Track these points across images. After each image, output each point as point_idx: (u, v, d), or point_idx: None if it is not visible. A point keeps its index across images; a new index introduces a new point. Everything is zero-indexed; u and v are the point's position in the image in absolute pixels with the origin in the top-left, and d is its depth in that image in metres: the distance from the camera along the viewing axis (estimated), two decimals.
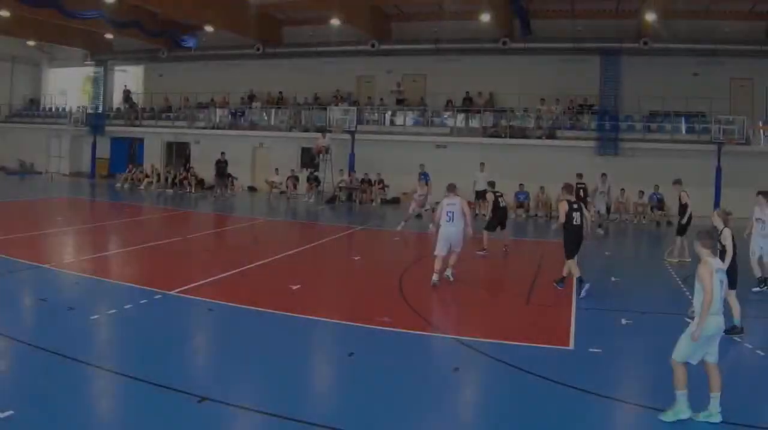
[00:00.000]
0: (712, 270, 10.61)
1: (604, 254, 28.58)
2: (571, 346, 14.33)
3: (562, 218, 19.43)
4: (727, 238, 15.75)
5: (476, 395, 12.29)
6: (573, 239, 19.58)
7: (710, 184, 41.93)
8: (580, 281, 19.28)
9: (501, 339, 14.60)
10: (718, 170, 42.74)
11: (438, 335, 14.74)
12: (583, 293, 18.77)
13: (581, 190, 30.53)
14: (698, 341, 10.37)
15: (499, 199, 26.72)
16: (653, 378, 12.60)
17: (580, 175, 29.41)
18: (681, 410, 10.41)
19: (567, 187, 20.94)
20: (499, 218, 26.70)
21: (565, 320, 16.36)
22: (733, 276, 15.32)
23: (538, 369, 12.58)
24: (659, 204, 41.90)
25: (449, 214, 19.73)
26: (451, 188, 20.47)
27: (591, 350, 13.92)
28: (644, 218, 41.78)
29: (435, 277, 19.51)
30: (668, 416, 10.41)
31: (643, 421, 10.85)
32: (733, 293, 15.40)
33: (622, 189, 41.65)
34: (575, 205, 19.81)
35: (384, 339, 14.58)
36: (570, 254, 19.66)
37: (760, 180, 38.51)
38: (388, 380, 12.08)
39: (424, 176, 36.36)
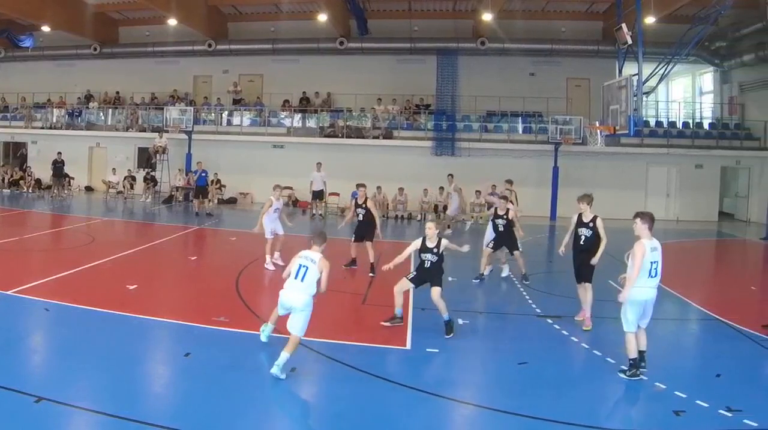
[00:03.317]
0: (645, 249, 11.75)
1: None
2: (408, 346, 13.94)
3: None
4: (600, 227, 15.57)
5: (313, 395, 11.75)
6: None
7: (548, 183, 41.35)
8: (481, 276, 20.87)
9: (338, 339, 14.12)
10: (555, 170, 41.86)
11: (274, 334, 13.72)
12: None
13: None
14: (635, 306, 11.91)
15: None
16: (489, 377, 12.63)
17: (509, 182, 27.88)
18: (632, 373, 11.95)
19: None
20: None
21: (402, 320, 15.58)
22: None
23: (375, 369, 12.25)
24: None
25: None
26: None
27: (428, 350, 13.56)
28: (481, 218, 38.68)
29: None
30: (626, 375, 12.00)
31: (478, 420, 10.73)
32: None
33: (460, 188, 37.56)
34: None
35: (221, 339, 14.02)
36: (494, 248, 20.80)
37: (596, 179, 39.38)
38: (225, 380, 11.56)
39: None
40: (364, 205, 21.34)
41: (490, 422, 10.58)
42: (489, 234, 21.52)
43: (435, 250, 14.94)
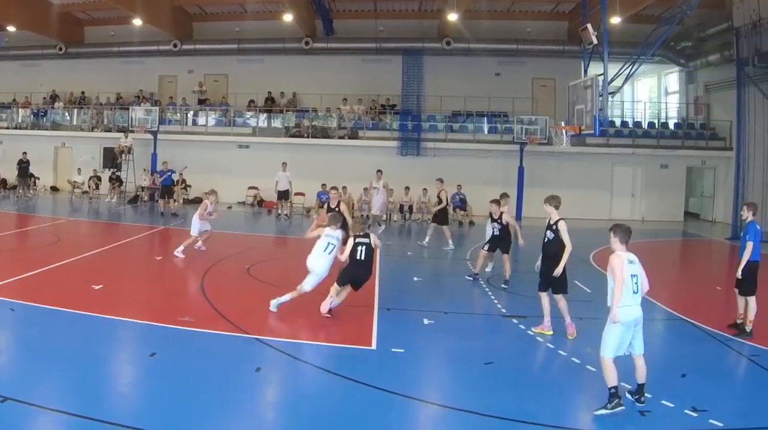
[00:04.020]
0: (623, 262, 10.67)
1: (407, 254, 27.78)
2: (374, 346, 13.72)
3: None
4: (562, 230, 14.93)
5: (279, 395, 11.56)
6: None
7: (513, 183, 39.70)
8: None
9: (304, 339, 14.09)
10: (521, 170, 41.10)
11: (240, 334, 13.87)
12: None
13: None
14: (619, 328, 10.53)
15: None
16: (455, 377, 12.46)
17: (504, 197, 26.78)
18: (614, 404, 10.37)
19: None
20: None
21: (368, 320, 15.57)
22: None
23: (341, 369, 12.11)
24: (462, 204, 39.20)
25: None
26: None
27: (393, 350, 13.32)
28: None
29: None
30: (603, 411, 10.38)
31: (443, 420, 10.54)
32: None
33: (425, 189, 38.70)
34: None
35: (186, 339, 13.80)
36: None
37: (562, 179, 39.33)
38: (190, 380, 11.37)
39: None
40: (337, 209, 21.15)
41: (455, 422, 10.40)
42: (488, 237, 21.61)
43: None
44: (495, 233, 20.77)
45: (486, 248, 21.13)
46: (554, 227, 14.89)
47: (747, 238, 15.28)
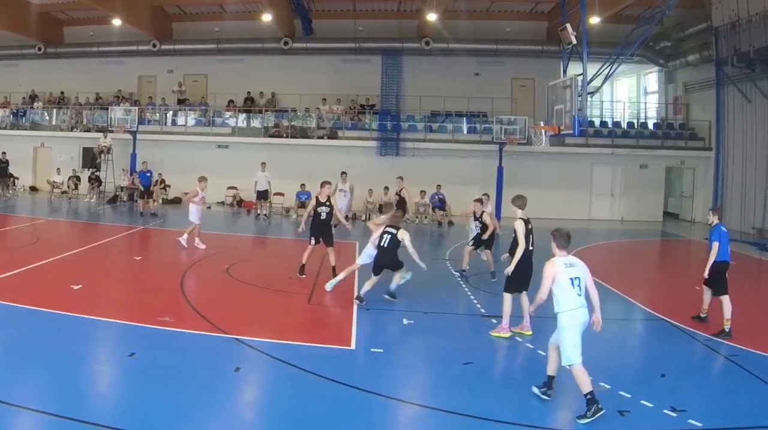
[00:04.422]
0: (556, 267, 10.71)
1: None
2: (353, 346, 13.74)
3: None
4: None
5: (258, 395, 11.61)
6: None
7: (492, 184, 39.34)
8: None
9: (282, 339, 13.94)
10: (500, 170, 40.57)
11: (219, 334, 13.85)
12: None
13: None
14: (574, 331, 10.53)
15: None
16: (434, 377, 12.48)
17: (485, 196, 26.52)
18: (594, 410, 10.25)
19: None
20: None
21: (347, 320, 15.61)
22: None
23: (320, 369, 12.03)
24: (441, 204, 39.17)
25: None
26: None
27: (372, 349, 13.38)
28: (426, 217, 39.08)
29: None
30: (585, 419, 10.24)
31: (422, 420, 10.59)
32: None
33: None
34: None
35: (165, 339, 13.77)
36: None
37: (541, 179, 39.43)
38: (169, 380, 11.37)
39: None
40: (328, 203, 21.13)
41: (434, 422, 10.42)
42: (472, 234, 22.36)
43: None
44: (477, 232, 21.55)
45: (471, 244, 21.96)
46: (515, 228, 15.30)
47: (712, 239, 15.79)
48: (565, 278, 10.56)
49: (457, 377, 12.22)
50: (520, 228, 15.16)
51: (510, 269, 14.86)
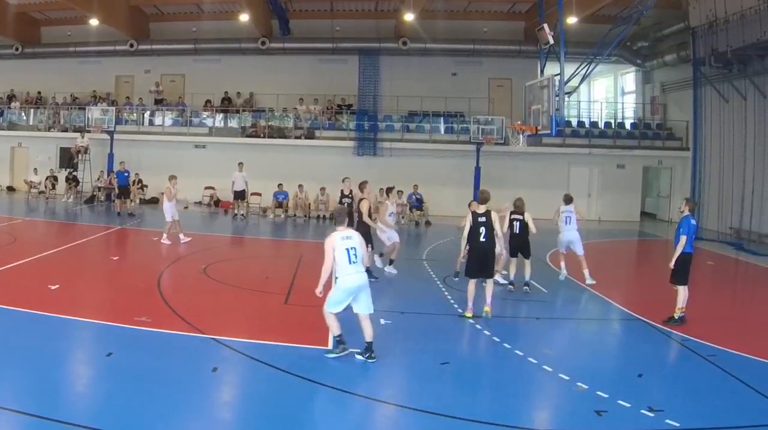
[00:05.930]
0: (334, 241, 12.54)
1: None
2: (330, 346, 13.36)
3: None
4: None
5: (235, 395, 11.59)
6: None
7: (469, 184, 39.74)
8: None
9: (260, 339, 13.96)
10: (477, 170, 40.80)
11: (197, 334, 13.84)
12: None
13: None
14: (342, 293, 12.63)
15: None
16: (411, 378, 12.47)
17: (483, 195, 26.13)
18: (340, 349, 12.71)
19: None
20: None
21: (324, 320, 15.69)
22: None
23: (297, 369, 12.01)
24: (419, 204, 39.12)
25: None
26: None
27: (350, 350, 13.06)
28: (403, 217, 38.21)
29: None
30: (332, 354, 12.79)
31: (400, 420, 10.58)
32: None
33: (381, 189, 36.21)
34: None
35: (143, 339, 13.68)
36: None
37: (518, 179, 39.44)
38: (147, 380, 11.32)
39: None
40: (350, 195, 21.68)
41: (412, 422, 10.41)
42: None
43: None
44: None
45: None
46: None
47: (681, 231, 16.12)
48: (342, 249, 12.63)
49: (434, 377, 12.22)
50: (468, 220, 16.45)
51: (460, 258, 16.01)
